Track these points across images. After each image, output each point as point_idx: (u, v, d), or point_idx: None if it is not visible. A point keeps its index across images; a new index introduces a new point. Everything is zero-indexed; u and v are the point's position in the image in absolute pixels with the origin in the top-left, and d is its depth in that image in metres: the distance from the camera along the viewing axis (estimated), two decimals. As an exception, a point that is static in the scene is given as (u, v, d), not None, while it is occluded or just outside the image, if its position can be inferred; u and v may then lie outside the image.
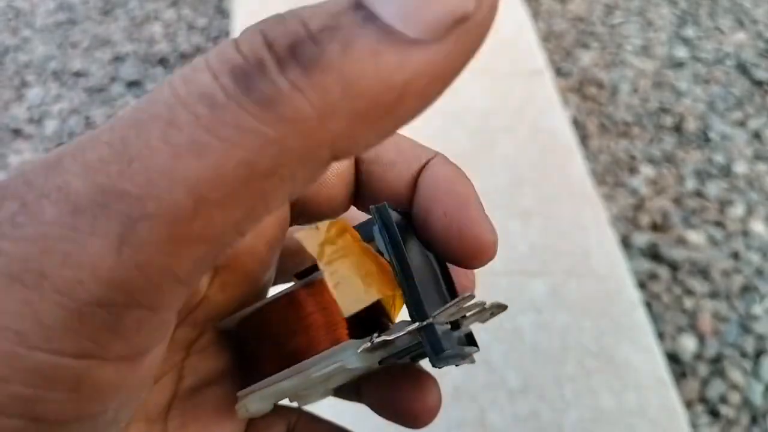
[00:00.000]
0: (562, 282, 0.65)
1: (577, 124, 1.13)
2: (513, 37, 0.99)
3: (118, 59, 1.30)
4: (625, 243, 0.98)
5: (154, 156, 0.13)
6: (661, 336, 0.91)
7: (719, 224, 1.02)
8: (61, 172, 0.14)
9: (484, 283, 0.66)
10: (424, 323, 0.21)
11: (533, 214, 0.70)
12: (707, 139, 1.13)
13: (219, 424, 0.23)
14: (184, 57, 1.30)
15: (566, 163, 0.76)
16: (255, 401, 0.23)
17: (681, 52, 1.26)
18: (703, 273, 0.98)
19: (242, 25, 1.04)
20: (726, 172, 1.09)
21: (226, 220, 0.14)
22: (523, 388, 0.59)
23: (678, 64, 1.24)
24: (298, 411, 0.25)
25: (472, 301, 0.21)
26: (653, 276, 0.97)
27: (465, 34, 0.14)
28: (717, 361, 0.89)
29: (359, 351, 0.21)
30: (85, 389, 0.15)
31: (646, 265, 0.98)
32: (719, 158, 1.10)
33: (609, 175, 1.08)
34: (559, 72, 1.21)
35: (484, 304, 0.22)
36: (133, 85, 1.26)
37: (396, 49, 0.13)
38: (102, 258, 0.13)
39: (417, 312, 0.21)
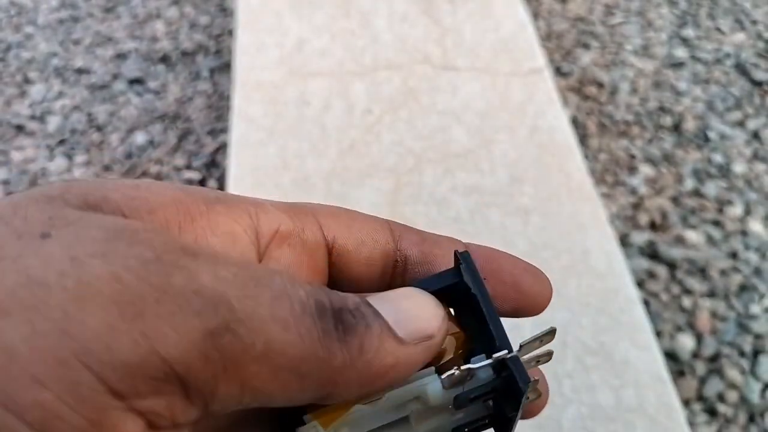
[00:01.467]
0: (561, 279, 0.66)
1: (577, 124, 1.14)
2: (513, 36, 0.99)
3: (120, 56, 1.31)
4: (624, 242, 0.99)
5: (261, 306, 0.18)
6: (659, 334, 0.91)
7: (718, 224, 1.03)
8: (194, 260, 0.19)
9: (484, 281, 0.66)
10: (511, 354, 0.21)
11: (532, 212, 0.71)
12: (706, 139, 1.14)
13: None
14: (186, 55, 1.31)
15: (566, 162, 0.76)
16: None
17: (680, 52, 1.27)
18: (702, 272, 0.98)
19: (244, 23, 1.04)
20: (725, 171, 1.09)
21: (274, 383, 0.19)
22: (522, 385, 0.59)
23: (677, 64, 1.25)
24: None
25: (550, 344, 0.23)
26: (652, 275, 0.98)
27: (426, 347, 0.21)
28: (715, 359, 0.90)
29: (443, 377, 0.22)
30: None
31: (645, 264, 0.98)
32: (718, 158, 1.11)
33: (608, 174, 1.09)
34: (559, 71, 1.22)
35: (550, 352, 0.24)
36: (135, 82, 1.26)
37: (392, 339, 0.20)
38: (189, 335, 0.17)
39: (504, 342, 0.22)
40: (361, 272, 0.26)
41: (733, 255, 1.00)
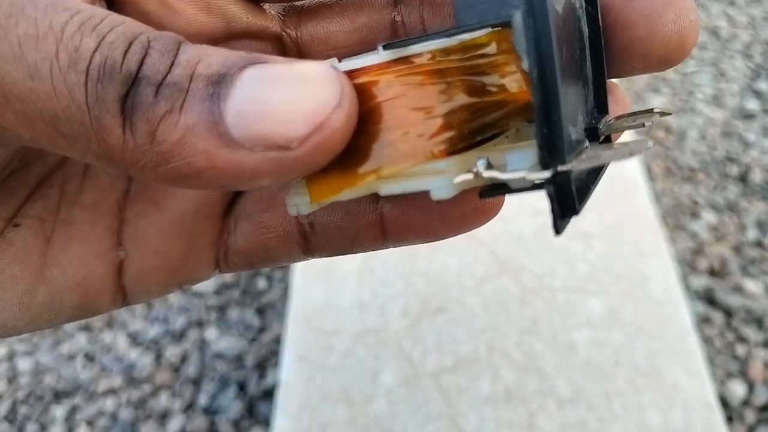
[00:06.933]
0: (618, 303, 0.68)
1: (643, 166, 1.15)
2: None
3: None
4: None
5: (2, 40, 0.15)
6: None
7: (778, 276, 1.03)
8: None
9: (542, 298, 0.69)
10: (554, 172, 0.15)
11: (595, 238, 0.74)
12: (772, 192, 1.14)
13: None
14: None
15: (632, 194, 0.79)
16: (304, 208, 0.19)
17: (752, 105, 1.27)
18: (758, 322, 0.98)
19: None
20: (789, 225, 1.09)
21: (30, 131, 0.16)
22: (573, 398, 0.62)
23: (748, 116, 1.25)
24: None
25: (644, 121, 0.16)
26: (707, 320, 0.98)
27: (275, 159, 0.15)
28: (766, 409, 0.89)
29: (456, 182, 0.16)
30: None
31: (701, 308, 0.99)
32: (783, 211, 1.11)
33: (670, 218, 1.10)
34: (629, 114, 1.24)
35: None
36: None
37: (210, 137, 0.15)
38: None
39: (551, 155, 0.15)
40: None
41: (792, 307, 0.99)
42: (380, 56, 0.17)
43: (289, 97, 0.15)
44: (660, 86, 1.30)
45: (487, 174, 0.16)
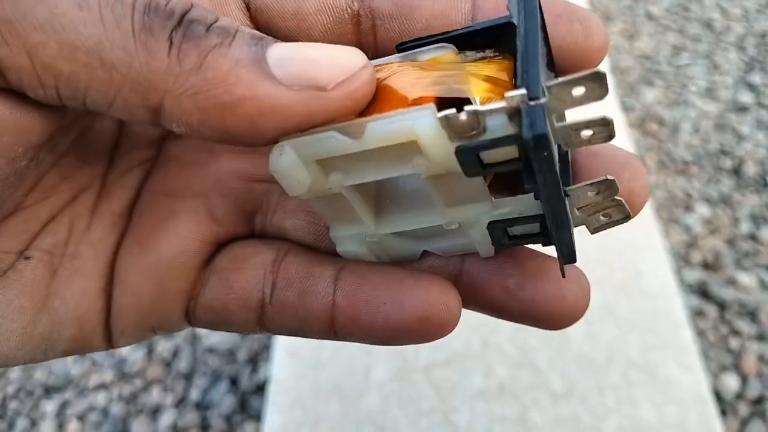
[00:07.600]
0: (613, 297, 0.68)
1: (636, 158, 1.15)
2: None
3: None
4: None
5: None
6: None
7: (771, 269, 1.03)
8: None
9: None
10: (534, 102, 0.16)
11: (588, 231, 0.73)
12: (766, 184, 1.14)
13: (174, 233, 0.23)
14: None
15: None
16: (289, 151, 0.19)
17: (746, 97, 1.27)
18: (752, 315, 0.98)
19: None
20: (782, 217, 1.09)
21: (71, 64, 0.17)
22: (566, 392, 0.61)
23: (742, 109, 1.25)
24: (289, 242, 0.24)
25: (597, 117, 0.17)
26: (700, 313, 0.98)
27: (311, 97, 0.17)
28: (759, 402, 0.89)
29: (439, 115, 0.17)
30: None
31: (694, 301, 0.99)
32: (776, 204, 1.11)
33: (663, 211, 1.10)
34: (622, 106, 1.24)
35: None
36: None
37: (254, 70, 0.17)
38: None
39: (530, 84, 0.17)
40: (294, 31, 0.22)
41: (785, 300, 0.99)
42: (393, 57, 0.20)
43: (325, 53, 0.17)
44: (653, 79, 1.30)
45: (469, 108, 0.17)
